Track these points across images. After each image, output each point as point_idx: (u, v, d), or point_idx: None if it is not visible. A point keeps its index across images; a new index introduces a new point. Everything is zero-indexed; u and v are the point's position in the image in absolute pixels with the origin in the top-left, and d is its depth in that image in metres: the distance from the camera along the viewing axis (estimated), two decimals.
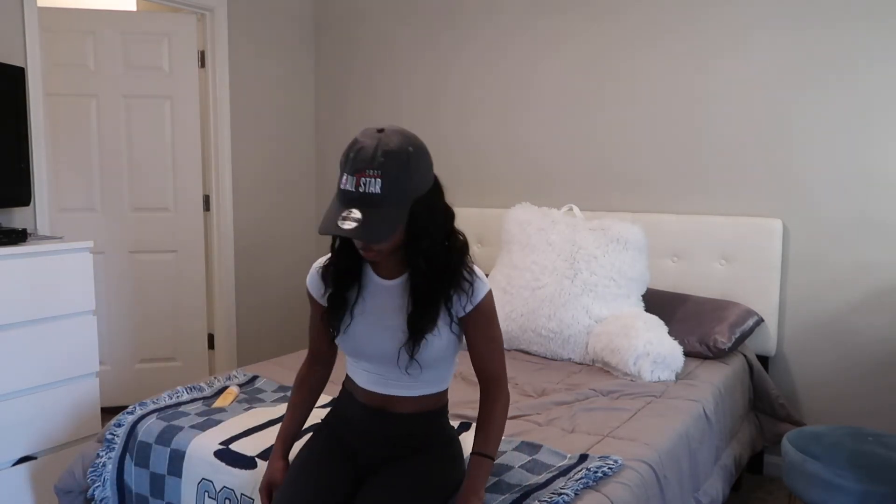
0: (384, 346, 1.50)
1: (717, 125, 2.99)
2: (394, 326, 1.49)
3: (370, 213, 1.31)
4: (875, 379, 2.75)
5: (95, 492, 1.97)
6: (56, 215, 3.30)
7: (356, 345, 1.53)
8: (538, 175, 3.45)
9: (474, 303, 1.49)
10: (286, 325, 4.05)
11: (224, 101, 3.68)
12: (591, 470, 1.65)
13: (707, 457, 2.20)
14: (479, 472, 1.46)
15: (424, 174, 1.38)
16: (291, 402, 1.68)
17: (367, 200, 1.31)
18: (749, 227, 2.88)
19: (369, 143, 1.32)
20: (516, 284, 2.83)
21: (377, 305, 1.52)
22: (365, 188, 1.30)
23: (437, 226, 1.42)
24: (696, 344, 2.64)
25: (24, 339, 2.44)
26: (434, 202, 1.41)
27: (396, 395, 1.55)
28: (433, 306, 1.46)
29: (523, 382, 2.41)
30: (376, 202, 1.31)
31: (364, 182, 1.30)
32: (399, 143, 1.33)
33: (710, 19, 2.97)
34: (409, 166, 1.33)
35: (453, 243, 1.47)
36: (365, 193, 1.30)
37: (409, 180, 1.33)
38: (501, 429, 1.53)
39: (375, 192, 1.30)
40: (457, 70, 3.66)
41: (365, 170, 1.30)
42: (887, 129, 2.67)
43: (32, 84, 2.85)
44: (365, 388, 1.57)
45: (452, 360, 1.60)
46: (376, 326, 1.51)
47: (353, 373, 1.61)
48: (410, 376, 1.51)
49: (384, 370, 1.54)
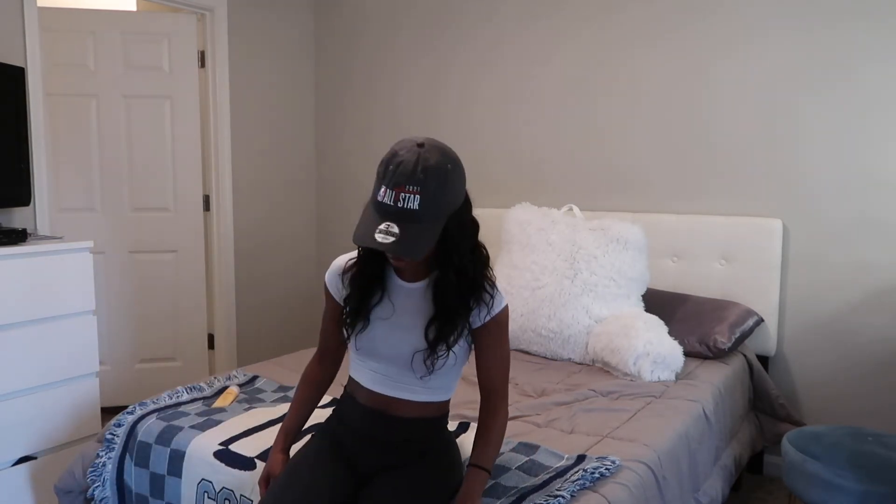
0: (401, 346, 1.51)
1: (718, 125, 2.99)
2: (412, 328, 1.51)
3: (407, 228, 1.33)
4: (875, 379, 2.75)
5: (95, 492, 1.97)
6: (56, 215, 3.31)
7: (373, 344, 1.54)
8: (538, 175, 3.45)
9: (492, 314, 1.51)
10: (286, 325, 4.05)
11: (224, 101, 3.68)
12: (589, 471, 1.64)
13: (707, 457, 2.20)
14: (475, 484, 1.47)
15: (459, 189, 1.40)
16: (296, 397, 1.69)
17: (405, 216, 1.32)
18: (749, 227, 2.88)
19: (409, 158, 1.33)
20: (516, 284, 2.83)
21: (398, 306, 1.53)
22: (404, 203, 1.32)
23: (466, 238, 1.45)
24: (696, 344, 2.63)
25: (24, 339, 2.45)
26: (465, 216, 1.44)
27: (400, 397, 1.55)
28: (458, 317, 1.48)
29: (523, 382, 2.41)
30: (414, 218, 1.33)
31: (403, 197, 1.32)
32: (438, 160, 1.34)
33: (710, 19, 2.97)
34: (447, 183, 1.35)
35: (477, 255, 1.49)
36: (403, 209, 1.32)
37: (444, 197, 1.35)
38: (500, 443, 1.54)
39: (414, 209, 1.32)
40: (457, 69, 3.66)
41: (405, 185, 1.32)
42: (887, 130, 2.67)
43: (32, 84, 2.85)
44: (369, 389, 1.57)
45: (459, 370, 1.60)
46: (395, 328, 1.52)
47: (357, 373, 1.61)
48: (420, 381, 1.52)
49: (392, 371, 1.54)
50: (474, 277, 1.48)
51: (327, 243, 4.20)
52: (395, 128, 3.87)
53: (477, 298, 1.49)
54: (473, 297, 1.49)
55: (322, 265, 4.04)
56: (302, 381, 1.70)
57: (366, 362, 1.58)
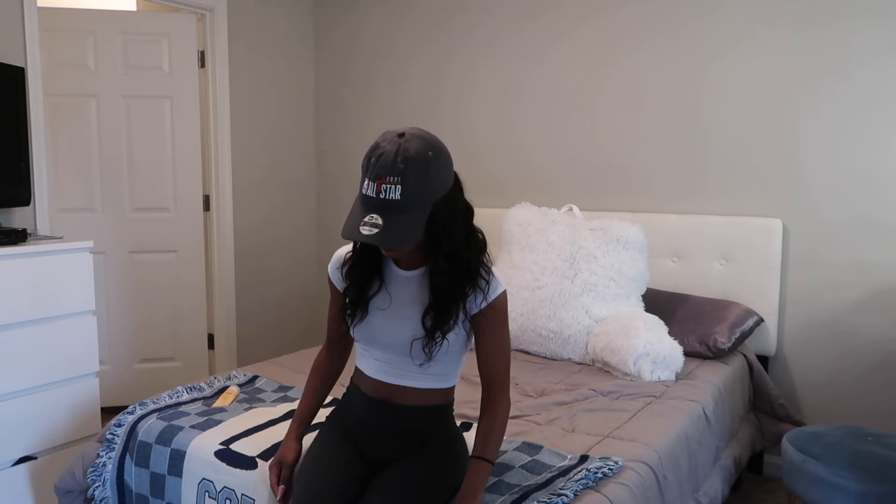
0: (399, 335, 1.53)
1: (717, 125, 2.99)
2: (409, 316, 1.52)
3: (391, 218, 1.33)
4: (875, 379, 2.75)
5: (95, 492, 1.97)
6: (56, 215, 3.31)
7: (372, 333, 1.55)
8: (538, 175, 3.45)
9: (489, 300, 1.51)
10: (286, 325, 4.05)
11: (224, 101, 3.68)
12: (592, 471, 1.65)
13: (707, 457, 2.20)
14: (478, 475, 1.47)
15: (444, 176, 1.40)
16: (307, 387, 1.72)
17: (387, 206, 1.33)
18: (749, 227, 2.88)
19: (390, 149, 1.35)
20: (516, 284, 2.83)
21: (395, 295, 1.54)
22: (386, 194, 1.33)
23: (458, 224, 1.44)
24: (696, 344, 2.64)
25: (25, 339, 2.45)
26: (454, 202, 1.44)
27: (403, 385, 1.56)
28: (453, 304, 1.48)
29: (523, 382, 2.41)
30: (397, 208, 1.33)
31: (385, 188, 1.33)
32: (418, 149, 1.35)
33: (709, 18, 2.97)
34: (429, 171, 1.35)
35: (472, 241, 1.48)
36: (385, 200, 1.33)
37: (428, 185, 1.35)
38: (502, 433, 1.54)
39: (396, 199, 1.33)
40: (456, 69, 3.66)
41: (385, 176, 1.33)
42: (887, 129, 2.67)
43: (32, 84, 2.85)
44: (373, 378, 1.59)
45: (460, 357, 1.61)
46: (393, 316, 1.53)
47: (362, 362, 1.63)
48: (420, 368, 1.53)
49: (393, 360, 1.56)
50: (469, 263, 1.47)
51: (327, 243, 4.20)
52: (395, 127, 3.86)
53: (473, 285, 1.49)
54: (469, 284, 1.48)
55: (322, 265, 4.04)
56: (312, 371, 1.73)
57: (369, 351, 1.59)
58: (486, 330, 1.53)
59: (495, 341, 1.54)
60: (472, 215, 1.50)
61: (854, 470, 2.04)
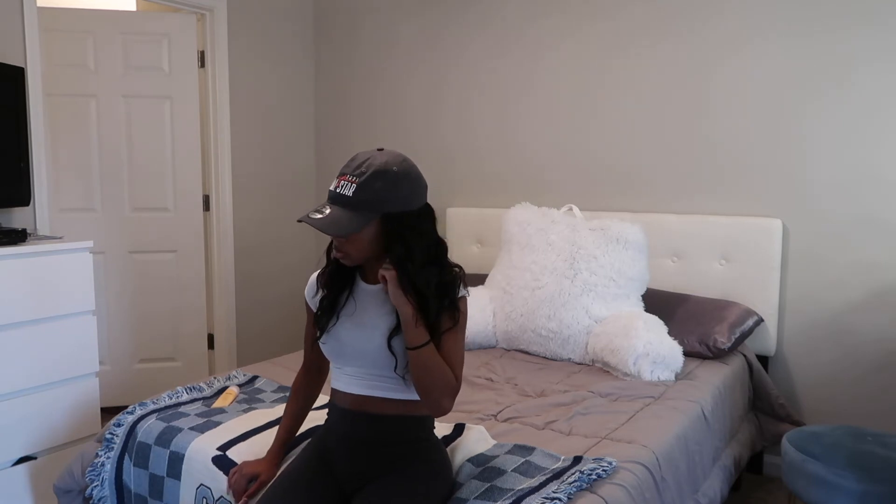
0: (362, 346, 1.54)
1: (718, 125, 2.99)
2: (377, 325, 1.54)
3: (337, 210, 1.45)
4: (875, 379, 2.74)
5: (94, 491, 1.97)
6: (56, 215, 3.31)
7: (339, 345, 1.57)
8: (538, 175, 3.45)
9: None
10: (286, 325, 4.05)
11: (224, 101, 3.68)
12: (585, 472, 1.63)
13: (706, 457, 2.20)
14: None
15: (405, 194, 1.46)
16: (287, 410, 1.76)
17: (338, 199, 1.45)
18: (749, 227, 2.88)
19: (362, 156, 1.47)
20: (516, 284, 2.82)
21: (360, 308, 1.58)
22: (341, 189, 1.45)
23: (420, 248, 1.47)
24: (695, 344, 2.63)
25: (24, 339, 2.45)
26: (416, 224, 1.48)
27: (376, 395, 1.56)
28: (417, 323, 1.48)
29: (523, 383, 2.41)
30: (346, 203, 1.44)
31: (342, 185, 1.45)
32: (385, 161, 1.46)
33: (710, 21, 2.97)
34: (387, 181, 1.43)
35: (444, 276, 1.51)
36: (339, 193, 1.45)
37: (383, 191, 1.43)
38: (431, 366, 1.46)
39: (347, 195, 1.44)
40: (457, 69, 3.65)
41: (347, 174, 1.46)
42: (887, 130, 2.67)
43: (32, 84, 2.85)
44: (349, 392, 1.59)
45: None
46: (356, 327, 1.56)
47: (337, 381, 1.63)
48: (398, 378, 1.53)
49: (368, 372, 1.56)
50: (439, 293, 1.48)
51: (327, 243, 4.19)
52: (396, 127, 3.87)
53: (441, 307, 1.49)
54: (439, 308, 1.48)
55: (322, 265, 4.03)
56: (291, 394, 1.77)
57: (341, 368, 1.61)
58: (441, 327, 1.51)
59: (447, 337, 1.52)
60: (446, 251, 1.53)
61: (854, 470, 2.04)
